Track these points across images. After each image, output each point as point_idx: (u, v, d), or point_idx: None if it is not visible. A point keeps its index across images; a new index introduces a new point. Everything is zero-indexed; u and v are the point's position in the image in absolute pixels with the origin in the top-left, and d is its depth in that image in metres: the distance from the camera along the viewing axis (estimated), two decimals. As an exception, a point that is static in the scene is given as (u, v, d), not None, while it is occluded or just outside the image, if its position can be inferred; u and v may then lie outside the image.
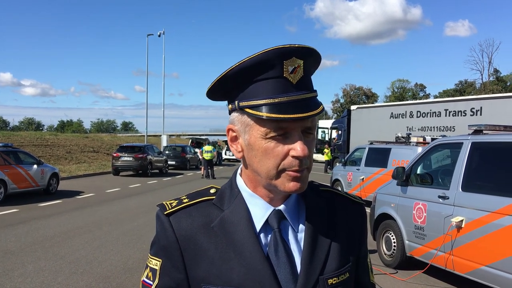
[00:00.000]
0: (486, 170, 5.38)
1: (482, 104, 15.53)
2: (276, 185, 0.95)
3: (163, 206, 1.05)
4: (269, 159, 0.93)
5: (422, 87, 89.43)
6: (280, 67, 0.91)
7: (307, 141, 0.94)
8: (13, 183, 12.50)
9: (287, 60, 0.90)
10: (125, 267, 6.35)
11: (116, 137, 50.08)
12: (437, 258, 5.54)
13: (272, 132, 0.92)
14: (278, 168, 0.93)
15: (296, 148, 0.91)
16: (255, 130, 0.94)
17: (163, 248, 1.01)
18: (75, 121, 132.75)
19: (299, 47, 0.91)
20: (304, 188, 0.96)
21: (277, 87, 0.91)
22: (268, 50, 0.90)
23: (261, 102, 0.91)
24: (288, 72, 0.91)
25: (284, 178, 0.94)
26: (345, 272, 1.01)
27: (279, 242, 0.97)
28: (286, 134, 0.92)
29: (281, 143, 0.92)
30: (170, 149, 29.06)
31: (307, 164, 0.94)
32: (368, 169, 12.41)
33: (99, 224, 9.52)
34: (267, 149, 0.93)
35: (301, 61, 0.91)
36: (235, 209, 1.00)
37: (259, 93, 0.92)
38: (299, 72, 0.92)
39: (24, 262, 6.49)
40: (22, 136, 29.47)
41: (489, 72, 69.50)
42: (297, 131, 0.92)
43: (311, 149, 0.95)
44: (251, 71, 0.92)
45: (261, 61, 0.91)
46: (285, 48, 0.90)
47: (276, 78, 0.91)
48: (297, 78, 0.92)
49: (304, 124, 0.92)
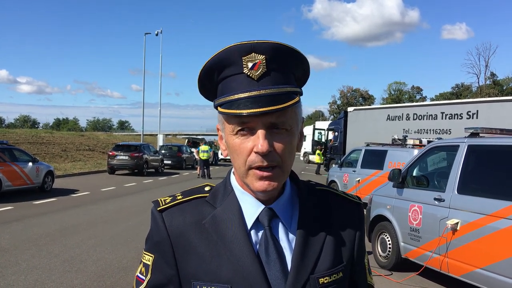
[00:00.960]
0: (482, 173, 5.39)
1: (479, 108, 15.57)
2: (248, 184, 0.96)
3: (157, 202, 1.06)
4: (237, 156, 0.94)
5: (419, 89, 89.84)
6: (239, 64, 0.91)
7: (277, 137, 0.92)
8: (8, 181, 12.44)
9: (246, 57, 0.90)
10: (119, 266, 6.33)
11: (112, 136, 49.92)
12: (432, 260, 5.54)
13: (236, 128, 0.92)
14: (246, 165, 0.93)
15: (257, 143, 0.90)
16: (227, 127, 0.96)
17: (156, 244, 1.02)
18: (71, 119, 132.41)
19: (257, 42, 0.90)
20: (275, 188, 0.94)
21: (239, 84, 0.92)
22: (227, 48, 0.91)
23: (226, 99, 0.93)
24: (248, 68, 0.90)
25: (252, 177, 0.94)
26: (338, 271, 1.00)
27: (270, 240, 0.97)
28: (251, 131, 0.92)
29: (246, 140, 0.92)
30: (166, 148, 29.02)
31: (275, 161, 0.92)
32: (364, 170, 12.43)
33: (94, 222, 9.49)
34: (234, 146, 0.94)
35: (262, 56, 0.90)
36: (227, 206, 1.01)
37: (225, 90, 0.94)
38: (260, 67, 0.90)
39: (18, 260, 6.45)
40: (17, 134, 29.34)
41: (485, 75, 69.76)
42: (259, 126, 0.90)
43: (282, 145, 0.92)
44: (214, 70, 0.95)
45: (222, 59, 0.92)
46: (243, 44, 0.91)
47: (237, 75, 0.92)
48: (259, 74, 0.90)
49: (268, 120, 0.90)
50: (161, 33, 37.67)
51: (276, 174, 0.93)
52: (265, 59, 0.90)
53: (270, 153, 0.91)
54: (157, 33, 37.48)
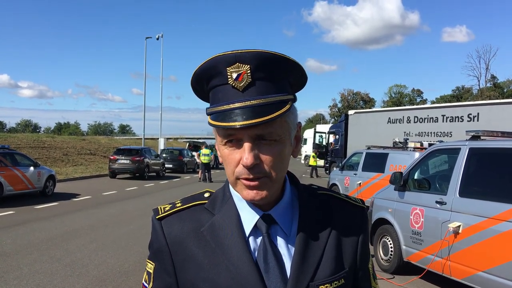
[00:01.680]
0: (483, 176, 5.39)
1: (479, 110, 15.56)
2: (238, 192, 0.96)
3: (156, 210, 1.06)
4: (227, 166, 0.94)
5: (419, 92, 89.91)
6: (224, 74, 0.89)
7: (265, 148, 0.90)
8: (9, 185, 12.46)
9: (230, 67, 0.88)
10: (121, 270, 6.32)
11: (113, 140, 49.87)
12: (434, 264, 5.53)
13: (223, 140, 0.92)
14: (234, 175, 0.93)
15: (242, 157, 0.90)
16: (217, 137, 0.95)
17: (156, 252, 1.03)
18: (72, 123, 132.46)
19: (242, 52, 0.87)
20: (263, 197, 0.92)
21: (224, 95, 0.90)
22: (212, 58, 0.90)
23: (212, 110, 0.92)
24: (232, 79, 0.88)
25: (240, 186, 0.93)
26: (339, 278, 0.98)
27: (268, 246, 0.96)
28: (239, 142, 0.91)
29: (235, 150, 0.92)
30: (168, 152, 29.00)
31: (262, 173, 0.90)
32: (366, 174, 12.40)
33: (96, 226, 9.48)
34: (224, 156, 0.94)
35: (247, 66, 0.87)
36: (225, 213, 1.00)
37: (214, 100, 0.93)
38: (244, 78, 0.88)
39: (19, 264, 6.45)
40: (19, 138, 29.34)
41: (486, 78, 69.82)
42: (246, 138, 0.89)
43: (271, 156, 0.90)
44: (203, 79, 0.94)
45: (207, 69, 0.91)
46: (226, 54, 0.88)
47: (222, 86, 0.91)
48: (244, 85, 0.88)
49: (253, 132, 0.88)
50: (162, 37, 37.74)
51: (263, 184, 0.91)
52: (249, 68, 0.88)
53: (256, 166, 0.89)
54: (158, 37, 37.54)
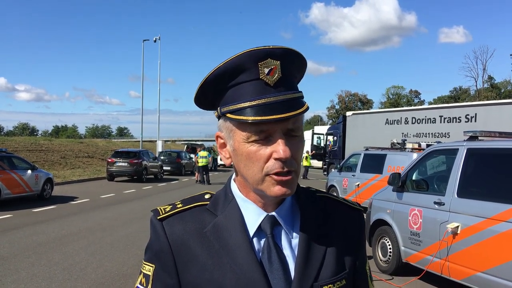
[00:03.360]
0: (481, 176, 5.39)
1: (477, 111, 15.61)
2: (262, 190, 0.94)
3: (156, 211, 1.04)
4: (253, 163, 0.92)
5: (417, 93, 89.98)
6: (255, 70, 0.90)
7: (292, 143, 0.92)
8: (7, 189, 12.41)
9: (262, 62, 0.90)
10: (119, 273, 6.30)
11: (111, 143, 49.87)
12: (433, 264, 5.53)
13: (253, 136, 0.91)
14: (263, 172, 0.92)
15: (277, 150, 0.89)
16: (238, 135, 0.93)
17: (156, 254, 1.01)
18: (70, 126, 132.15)
19: (273, 48, 0.90)
20: (292, 192, 0.94)
21: (255, 90, 0.90)
22: (242, 54, 0.90)
23: (240, 106, 0.91)
24: (264, 74, 0.90)
25: (269, 182, 0.92)
26: (341, 279, 0.99)
27: (272, 247, 0.96)
28: (268, 137, 0.91)
29: (263, 146, 0.91)
30: (166, 154, 29.01)
31: (293, 167, 0.92)
32: (364, 175, 12.42)
33: (94, 230, 9.46)
34: (250, 153, 0.92)
35: (277, 62, 0.90)
36: (229, 214, 0.99)
37: (238, 97, 0.92)
38: (276, 73, 0.90)
39: (17, 268, 6.42)
40: (16, 141, 29.28)
41: (483, 79, 70.00)
42: (278, 133, 0.90)
43: (297, 151, 0.93)
44: (227, 76, 0.92)
45: (236, 65, 0.91)
46: (258, 50, 0.89)
47: (252, 81, 0.91)
48: (275, 80, 0.90)
49: (285, 126, 0.90)
50: (159, 40, 37.73)
51: (293, 179, 0.93)
52: (279, 64, 0.90)
53: (290, 159, 0.91)
54: (155, 39, 37.51)
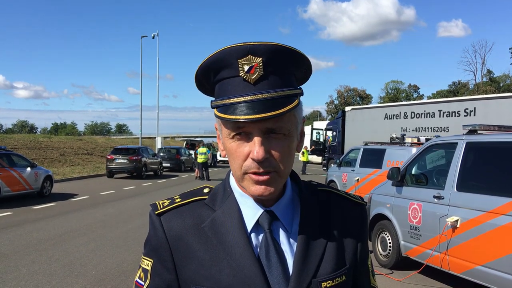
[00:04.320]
0: (480, 170, 5.40)
1: (476, 105, 15.61)
2: (244, 187, 0.94)
3: (155, 205, 1.04)
4: (234, 160, 0.92)
5: (416, 88, 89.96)
6: (235, 67, 0.88)
7: (275, 142, 0.89)
8: (6, 186, 12.41)
9: (242, 59, 0.87)
10: (119, 270, 6.31)
11: (110, 140, 49.79)
12: (432, 258, 5.55)
13: (232, 133, 0.90)
14: (241, 169, 0.91)
15: (253, 150, 0.88)
16: (223, 130, 0.94)
17: (154, 248, 1.00)
18: (69, 123, 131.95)
19: (254, 44, 0.87)
20: (272, 192, 0.91)
21: (235, 87, 0.89)
22: (223, 50, 0.88)
23: (220, 102, 0.91)
24: (244, 71, 0.87)
25: (248, 181, 0.92)
26: (341, 275, 0.98)
27: (270, 243, 0.95)
28: (248, 135, 0.89)
29: (243, 144, 0.90)
30: (165, 151, 29.00)
31: (272, 167, 0.90)
32: (363, 170, 12.42)
33: (94, 226, 9.46)
34: (231, 150, 0.92)
35: (259, 59, 0.87)
36: (227, 209, 0.99)
37: (222, 93, 0.91)
38: (257, 71, 0.87)
39: (18, 265, 6.43)
40: (15, 139, 29.25)
41: (482, 73, 70.08)
42: (256, 132, 0.88)
43: (280, 150, 0.90)
44: (210, 70, 0.92)
45: (217, 60, 0.90)
46: (238, 46, 0.87)
47: (233, 78, 0.89)
48: (255, 78, 0.87)
49: (264, 125, 0.87)
50: (158, 36, 37.61)
51: (272, 179, 0.91)
52: (262, 61, 0.87)
53: (266, 160, 0.88)
54: (153, 36, 37.42)
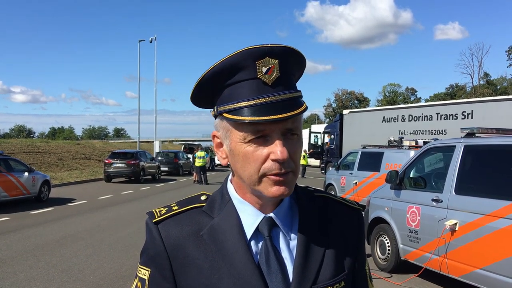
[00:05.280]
0: (479, 173, 5.40)
1: (473, 108, 15.65)
2: (259, 191, 0.92)
3: (152, 214, 1.02)
4: (249, 164, 0.90)
5: (413, 91, 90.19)
6: (253, 69, 0.88)
7: (290, 143, 0.90)
8: (4, 191, 12.36)
9: (260, 61, 0.87)
10: (118, 275, 6.29)
11: (108, 144, 49.74)
12: (431, 262, 5.54)
13: (250, 136, 0.89)
14: (259, 172, 0.90)
15: (275, 151, 0.87)
16: (235, 134, 0.91)
17: (152, 257, 0.99)
18: (67, 128, 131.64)
19: (271, 46, 0.88)
20: (290, 192, 0.92)
21: (253, 89, 0.88)
22: (240, 52, 0.88)
23: (237, 105, 0.89)
24: (262, 73, 0.88)
25: (266, 183, 0.90)
26: (340, 281, 0.98)
27: (270, 250, 0.94)
28: (265, 137, 0.89)
29: (260, 147, 0.89)
30: (163, 155, 28.97)
31: (291, 167, 0.90)
32: (361, 173, 12.44)
33: (92, 231, 9.43)
34: (246, 154, 0.90)
35: (276, 60, 0.88)
36: (225, 216, 0.98)
37: (235, 96, 0.90)
38: (274, 72, 0.88)
39: (15, 271, 6.40)
40: (13, 144, 29.15)
41: (479, 75, 70.14)
42: (276, 133, 0.88)
43: (295, 151, 0.91)
44: (224, 74, 0.90)
45: (234, 64, 0.88)
46: (256, 48, 0.87)
47: (250, 80, 0.89)
48: (273, 79, 0.88)
49: (284, 126, 0.88)
50: (155, 40, 37.62)
51: (290, 179, 0.91)
52: (278, 63, 0.88)
53: (288, 160, 0.89)
54: (151, 40, 37.39)
